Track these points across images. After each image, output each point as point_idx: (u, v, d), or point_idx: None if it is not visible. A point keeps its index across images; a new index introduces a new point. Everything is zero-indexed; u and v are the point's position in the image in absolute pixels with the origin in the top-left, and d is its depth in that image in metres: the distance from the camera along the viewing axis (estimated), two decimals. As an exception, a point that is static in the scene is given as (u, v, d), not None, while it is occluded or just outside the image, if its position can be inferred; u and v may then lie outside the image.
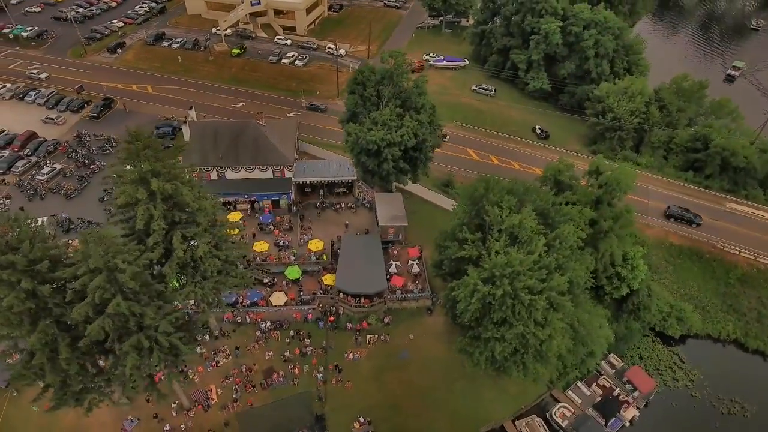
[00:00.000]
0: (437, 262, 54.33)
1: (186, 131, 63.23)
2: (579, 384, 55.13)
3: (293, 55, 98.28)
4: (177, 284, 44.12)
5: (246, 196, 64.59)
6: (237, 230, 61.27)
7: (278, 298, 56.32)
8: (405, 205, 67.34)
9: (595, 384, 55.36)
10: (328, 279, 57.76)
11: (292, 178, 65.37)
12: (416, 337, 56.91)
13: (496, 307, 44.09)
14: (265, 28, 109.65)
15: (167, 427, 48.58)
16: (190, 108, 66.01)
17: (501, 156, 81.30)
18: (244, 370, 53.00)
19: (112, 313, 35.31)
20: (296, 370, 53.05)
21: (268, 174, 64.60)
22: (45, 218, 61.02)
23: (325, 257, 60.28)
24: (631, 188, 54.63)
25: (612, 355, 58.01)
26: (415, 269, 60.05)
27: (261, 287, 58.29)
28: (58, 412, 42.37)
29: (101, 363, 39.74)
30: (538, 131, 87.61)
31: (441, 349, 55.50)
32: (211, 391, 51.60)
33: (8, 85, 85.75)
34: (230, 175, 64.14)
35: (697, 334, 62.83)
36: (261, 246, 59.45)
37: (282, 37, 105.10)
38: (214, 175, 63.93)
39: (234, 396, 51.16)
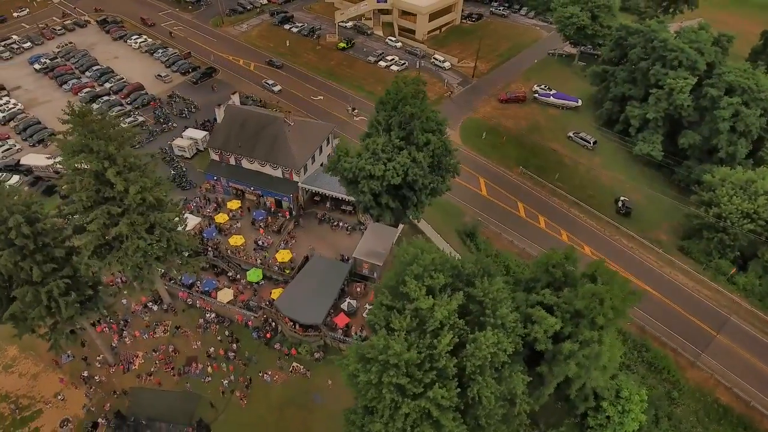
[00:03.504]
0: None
1: (219, 113, 66.49)
2: None
3: (392, 59, 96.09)
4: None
5: (252, 188, 65.94)
6: (226, 217, 63.84)
7: (225, 294, 56.70)
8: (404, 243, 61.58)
9: None
10: (276, 293, 56.20)
11: (299, 183, 64.55)
12: (337, 385, 52.32)
13: (363, 393, 38.18)
14: (386, 26, 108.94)
15: (85, 373, 53.15)
16: (234, 93, 69.02)
17: (553, 221, 69.18)
18: (171, 350, 55.07)
19: (-7, 262, 39.43)
20: (211, 369, 53.33)
21: (278, 173, 64.72)
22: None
23: (287, 270, 58.63)
24: (620, 314, 41.61)
25: (555, 503, 46.32)
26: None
27: (224, 279, 59.49)
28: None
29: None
30: (620, 204, 72.02)
31: (353, 409, 50.34)
32: (137, 357, 54.86)
33: (149, 40, 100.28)
34: (246, 164, 65.88)
35: None
36: (235, 240, 60.30)
37: (393, 39, 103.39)
38: (232, 161, 66.38)
39: (152, 369, 53.61)
